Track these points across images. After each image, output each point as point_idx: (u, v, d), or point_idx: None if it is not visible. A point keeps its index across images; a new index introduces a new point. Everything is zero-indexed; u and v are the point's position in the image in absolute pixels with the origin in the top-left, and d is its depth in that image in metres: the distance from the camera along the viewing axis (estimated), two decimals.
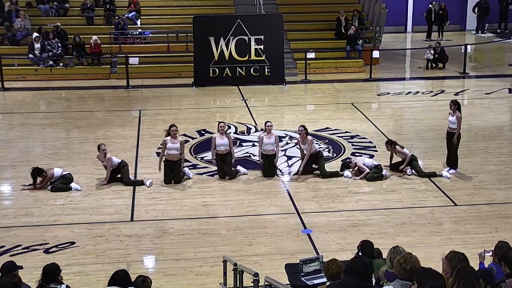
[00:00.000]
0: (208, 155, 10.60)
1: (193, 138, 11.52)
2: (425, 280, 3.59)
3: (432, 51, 16.61)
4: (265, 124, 9.70)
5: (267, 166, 9.57)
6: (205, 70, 15.21)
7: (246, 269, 5.89)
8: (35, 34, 15.93)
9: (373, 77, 15.79)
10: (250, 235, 7.79)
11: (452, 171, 9.62)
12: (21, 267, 5.25)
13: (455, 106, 9.59)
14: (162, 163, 9.38)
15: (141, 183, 9.32)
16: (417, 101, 13.89)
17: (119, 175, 9.42)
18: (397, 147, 9.66)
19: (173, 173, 9.36)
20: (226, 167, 9.51)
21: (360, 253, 5.46)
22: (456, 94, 14.45)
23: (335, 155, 10.49)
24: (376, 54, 16.40)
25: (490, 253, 5.05)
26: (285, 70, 15.55)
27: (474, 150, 10.70)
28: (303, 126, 9.68)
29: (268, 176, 9.55)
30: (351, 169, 9.58)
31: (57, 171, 9.24)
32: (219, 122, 10.08)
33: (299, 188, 9.24)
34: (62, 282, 5.08)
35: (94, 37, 15.92)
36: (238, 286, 5.93)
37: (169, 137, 9.36)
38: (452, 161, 9.72)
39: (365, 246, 5.59)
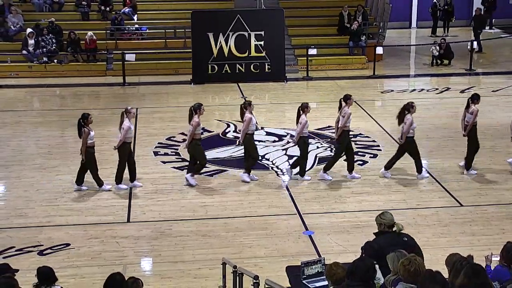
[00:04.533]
0: (207, 154, 10.39)
1: None
2: (428, 284, 3.48)
3: (437, 47, 16.39)
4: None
5: None
6: (203, 66, 15.01)
7: (246, 272, 5.83)
8: (29, 30, 15.72)
9: (376, 74, 15.64)
10: (250, 236, 7.74)
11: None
12: (16, 270, 5.18)
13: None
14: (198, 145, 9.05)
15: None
16: (422, 98, 13.71)
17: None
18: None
19: None
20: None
21: (363, 255, 5.31)
22: (462, 91, 14.27)
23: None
24: (379, 50, 16.28)
25: (498, 257, 4.97)
26: (286, 67, 15.40)
27: (481, 149, 10.47)
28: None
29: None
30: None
31: (93, 134, 8.85)
32: (248, 101, 9.59)
33: (300, 189, 9.14)
34: (57, 284, 5.07)
35: (90, 33, 15.72)
36: None
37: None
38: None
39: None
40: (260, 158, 10.10)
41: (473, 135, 9.43)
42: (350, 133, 11.39)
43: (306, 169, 9.38)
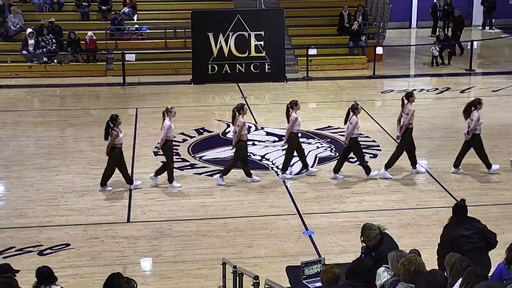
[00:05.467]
0: (207, 154, 10.39)
1: (191, 137, 11.31)
2: (427, 279, 3.49)
3: (438, 48, 16.34)
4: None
5: None
6: (203, 66, 15.00)
7: (246, 272, 5.82)
8: (29, 30, 15.70)
9: (376, 74, 15.62)
10: (250, 236, 7.73)
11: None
12: (17, 271, 5.21)
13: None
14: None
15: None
16: (422, 98, 13.69)
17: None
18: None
19: None
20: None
21: (363, 255, 5.31)
22: (462, 91, 14.26)
23: (337, 154, 10.26)
24: (379, 50, 16.25)
25: None
26: (286, 67, 15.37)
27: None
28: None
29: None
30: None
31: (121, 136, 8.88)
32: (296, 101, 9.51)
33: (300, 189, 9.13)
34: (57, 284, 5.10)
35: (90, 33, 15.71)
36: None
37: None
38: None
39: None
40: (260, 158, 10.12)
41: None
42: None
43: (291, 165, 9.37)
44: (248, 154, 10.44)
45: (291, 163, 9.59)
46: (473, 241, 5.53)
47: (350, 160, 10.03)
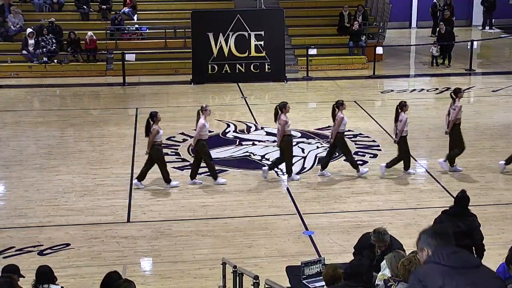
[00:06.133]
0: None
1: (191, 137, 11.28)
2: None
3: (438, 48, 16.28)
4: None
5: None
6: (203, 66, 14.99)
7: (246, 272, 5.81)
8: (29, 30, 15.68)
9: (376, 74, 15.60)
10: (250, 236, 7.71)
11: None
12: (22, 276, 5.24)
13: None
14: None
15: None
16: (422, 98, 13.70)
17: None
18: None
19: None
20: None
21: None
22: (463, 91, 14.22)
23: (337, 154, 10.25)
24: (379, 50, 16.22)
25: None
26: (286, 67, 15.36)
27: (481, 149, 10.51)
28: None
29: None
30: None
31: (161, 133, 8.94)
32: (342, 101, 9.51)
33: (300, 189, 9.11)
34: (57, 284, 5.10)
35: (90, 33, 15.69)
36: None
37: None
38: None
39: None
40: (260, 158, 10.12)
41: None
42: (350, 133, 11.42)
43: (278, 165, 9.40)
44: (248, 154, 10.46)
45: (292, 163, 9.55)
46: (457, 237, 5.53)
47: None
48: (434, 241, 2.77)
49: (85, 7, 16.96)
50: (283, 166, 9.82)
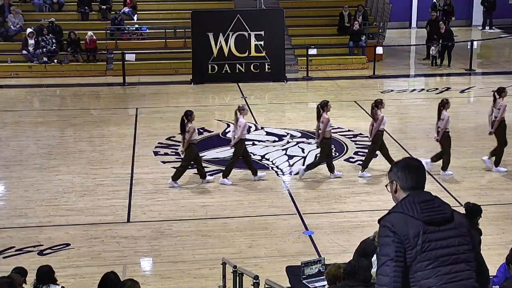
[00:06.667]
0: (207, 154, 10.38)
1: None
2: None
3: (438, 47, 16.21)
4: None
5: None
6: (203, 66, 14.98)
7: (246, 272, 5.80)
8: (29, 30, 15.68)
9: (376, 74, 15.59)
10: (250, 236, 7.71)
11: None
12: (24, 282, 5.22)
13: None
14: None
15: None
16: (422, 98, 13.69)
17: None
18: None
19: None
20: None
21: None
22: (462, 91, 14.23)
23: (337, 154, 10.25)
24: (379, 50, 16.21)
25: None
26: (286, 67, 15.35)
27: (481, 149, 10.48)
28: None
29: None
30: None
31: (197, 131, 9.06)
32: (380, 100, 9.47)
33: (300, 189, 9.10)
34: (58, 284, 5.12)
35: (90, 33, 15.69)
36: None
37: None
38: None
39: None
40: (260, 158, 10.11)
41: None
42: (350, 133, 11.42)
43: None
44: (249, 154, 10.45)
45: (290, 163, 9.56)
46: None
47: (350, 160, 10.04)
48: (404, 173, 2.76)
49: (86, 7, 16.96)
50: (283, 166, 9.84)
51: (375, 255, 4.67)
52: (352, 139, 11.10)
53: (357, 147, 10.67)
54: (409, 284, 2.65)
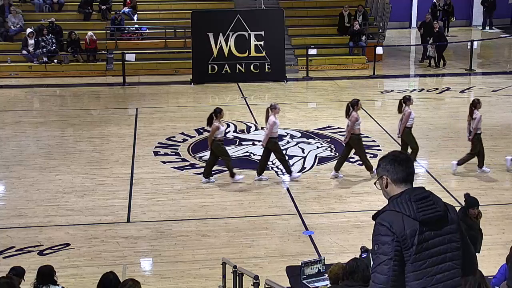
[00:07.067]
0: (207, 154, 10.41)
1: (191, 137, 11.30)
2: None
3: (434, 48, 16.18)
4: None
5: None
6: (203, 66, 14.98)
7: (246, 272, 5.81)
8: (29, 30, 15.68)
9: (376, 74, 15.59)
10: (250, 236, 7.70)
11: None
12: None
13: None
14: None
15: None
16: (422, 98, 13.69)
17: None
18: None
19: None
20: None
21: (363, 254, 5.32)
22: (462, 91, 14.23)
23: (337, 154, 10.25)
24: (379, 50, 16.21)
25: None
26: (286, 67, 15.35)
27: None
28: None
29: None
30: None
31: (222, 129, 9.11)
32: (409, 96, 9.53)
33: (300, 189, 9.10)
34: (58, 284, 5.13)
35: (90, 33, 15.69)
36: None
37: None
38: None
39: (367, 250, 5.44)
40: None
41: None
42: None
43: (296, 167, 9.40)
44: (248, 154, 10.45)
45: (290, 164, 9.57)
46: None
47: (350, 160, 10.03)
48: (393, 166, 2.75)
49: (89, 7, 16.95)
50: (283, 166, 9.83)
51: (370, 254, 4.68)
52: None
53: None
54: (404, 284, 2.65)
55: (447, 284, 2.67)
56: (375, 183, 2.85)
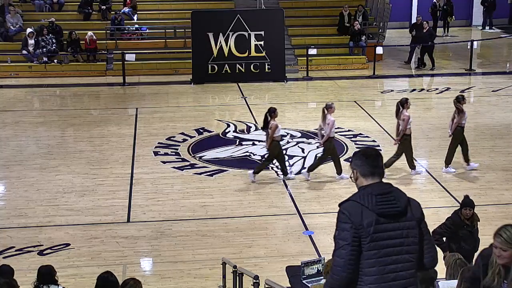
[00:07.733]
0: (207, 154, 10.39)
1: (191, 137, 11.30)
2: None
3: (419, 48, 16.00)
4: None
5: None
6: (203, 66, 14.99)
7: (246, 272, 5.81)
8: (29, 30, 15.68)
9: (376, 74, 15.59)
10: (250, 236, 7.71)
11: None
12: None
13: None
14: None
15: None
16: (422, 98, 13.69)
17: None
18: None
19: None
20: None
21: None
22: (462, 91, 14.23)
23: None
24: (379, 50, 16.20)
25: None
26: (286, 67, 15.34)
27: (481, 149, 10.51)
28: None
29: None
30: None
31: (280, 128, 9.11)
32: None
33: (300, 189, 9.10)
34: (59, 284, 5.12)
35: (90, 33, 15.69)
36: None
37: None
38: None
39: None
40: (260, 158, 10.12)
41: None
42: (350, 133, 11.43)
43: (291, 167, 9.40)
44: (248, 154, 10.46)
45: (289, 164, 9.56)
46: None
47: (350, 160, 10.01)
48: (361, 161, 3.02)
49: (89, 8, 16.96)
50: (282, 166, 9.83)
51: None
52: (352, 139, 11.11)
53: (357, 147, 10.65)
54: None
55: (401, 275, 2.87)
56: (350, 177, 3.11)
